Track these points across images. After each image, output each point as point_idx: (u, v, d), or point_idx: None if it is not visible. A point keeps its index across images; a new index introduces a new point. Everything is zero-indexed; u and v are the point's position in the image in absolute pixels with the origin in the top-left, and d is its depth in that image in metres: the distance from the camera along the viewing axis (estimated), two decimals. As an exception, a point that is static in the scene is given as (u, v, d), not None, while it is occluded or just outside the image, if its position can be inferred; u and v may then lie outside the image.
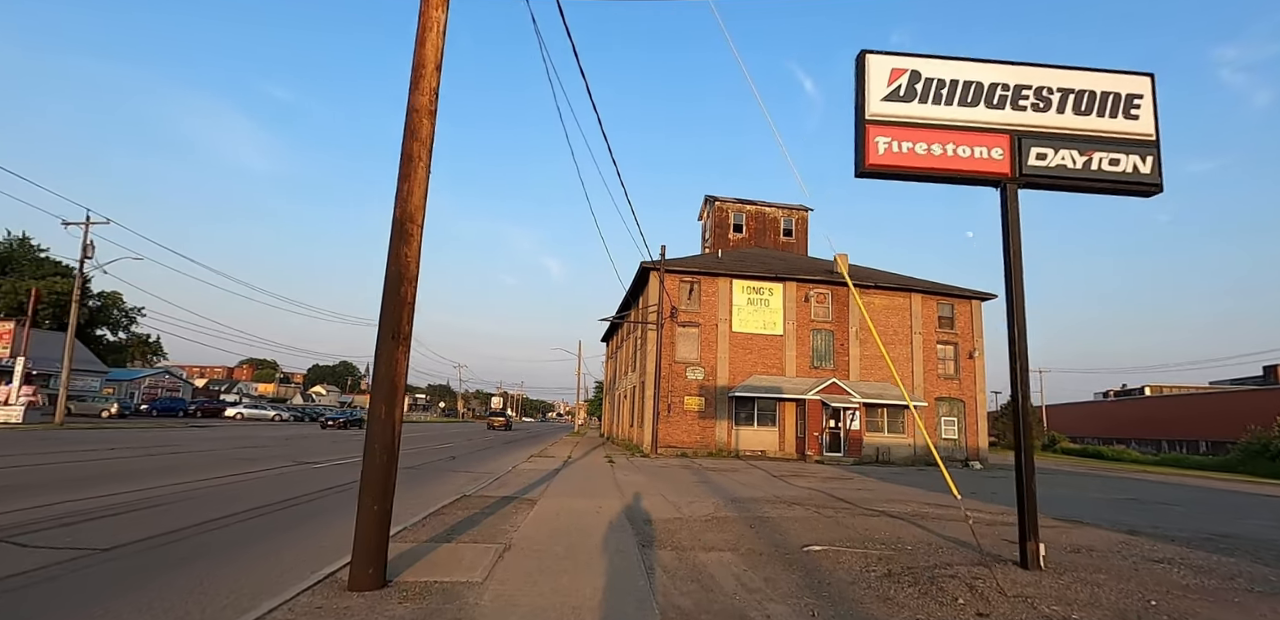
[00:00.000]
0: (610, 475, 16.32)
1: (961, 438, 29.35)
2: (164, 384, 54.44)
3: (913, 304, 29.91)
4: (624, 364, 37.99)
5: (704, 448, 26.92)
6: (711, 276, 28.56)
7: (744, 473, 19.38)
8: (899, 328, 29.70)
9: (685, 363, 27.57)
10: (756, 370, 28.09)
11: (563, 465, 18.98)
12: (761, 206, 37.67)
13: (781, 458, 27.15)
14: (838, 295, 29.38)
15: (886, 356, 14.62)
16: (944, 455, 28.91)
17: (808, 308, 29.06)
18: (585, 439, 42.31)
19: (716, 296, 28.40)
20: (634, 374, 32.49)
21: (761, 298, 28.77)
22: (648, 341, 27.61)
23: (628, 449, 29.54)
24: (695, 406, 27.30)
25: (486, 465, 18.66)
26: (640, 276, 28.89)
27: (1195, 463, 42.90)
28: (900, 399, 27.84)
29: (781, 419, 27.79)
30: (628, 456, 24.52)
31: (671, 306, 27.61)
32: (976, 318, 30.46)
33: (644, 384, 28.23)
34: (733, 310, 28.35)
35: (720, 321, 28.12)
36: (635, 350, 32.34)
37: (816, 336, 28.93)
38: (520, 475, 15.50)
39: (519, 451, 26.24)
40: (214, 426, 36.41)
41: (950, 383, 29.77)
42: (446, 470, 16.38)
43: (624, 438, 35.33)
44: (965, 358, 30.04)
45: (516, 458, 22.30)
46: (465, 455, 22.65)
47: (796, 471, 21.00)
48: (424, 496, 10.95)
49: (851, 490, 15.17)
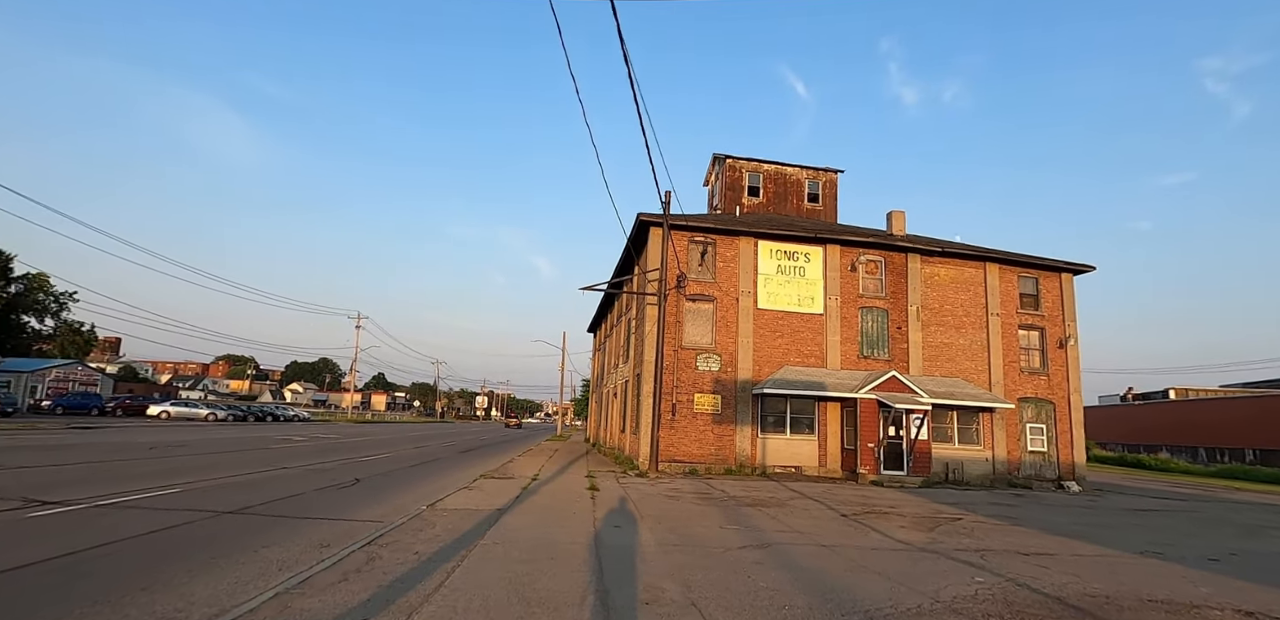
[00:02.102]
0: (587, 523, 9.45)
1: (1051, 450, 22.68)
2: (76, 377, 46.90)
3: (988, 277, 23.22)
4: (614, 354, 31.05)
5: (719, 462, 20.09)
6: (730, 236, 21.76)
7: (793, 508, 12.57)
8: (971, 307, 23.00)
9: (695, 349, 20.74)
10: (789, 359, 21.30)
11: (519, 496, 12.08)
12: (781, 167, 30.82)
13: (824, 477, 20.35)
14: (892, 264, 22.65)
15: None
16: (1031, 473, 22.25)
17: (855, 279, 22.30)
18: (566, 446, 35.35)
19: (737, 262, 21.59)
20: (626, 365, 25.61)
21: (795, 265, 21.99)
22: (645, 320, 20.76)
23: (618, 462, 22.64)
24: (709, 407, 20.47)
25: (398, 497, 11.74)
26: (638, 235, 22.02)
27: (1267, 475, 36.77)
28: (977, 399, 21.14)
29: (822, 424, 21.01)
30: (617, 476, 17.66)
31: (678, 273, 20.78)
32: (1068, 295, 23.81)
33: (640, 378, 21.39)
34: (758, 280, 21.55)
35: (742, 295, 21.30)
36: (629, 335, 25.46)
37: (866, 317, 22.18)
38: (428, 526, 8.62)
39: (470, 466, 19.30)
40: (107, 429, 29.16)
41: (1036, 379, 23.10)
42: (306, 514, 9.43)
43: (613, 446, 28.41)
44: (1055, 347, 23.38)
45: (459, 479, 15.40)
46: (389, 473, 15.70)
47: (864, 502, 14.22)
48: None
49: (1021, 559, 8.32)
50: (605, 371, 35.30)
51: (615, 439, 27.48)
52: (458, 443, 34.13)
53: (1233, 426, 57.86)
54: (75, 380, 46.16)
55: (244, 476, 13.39)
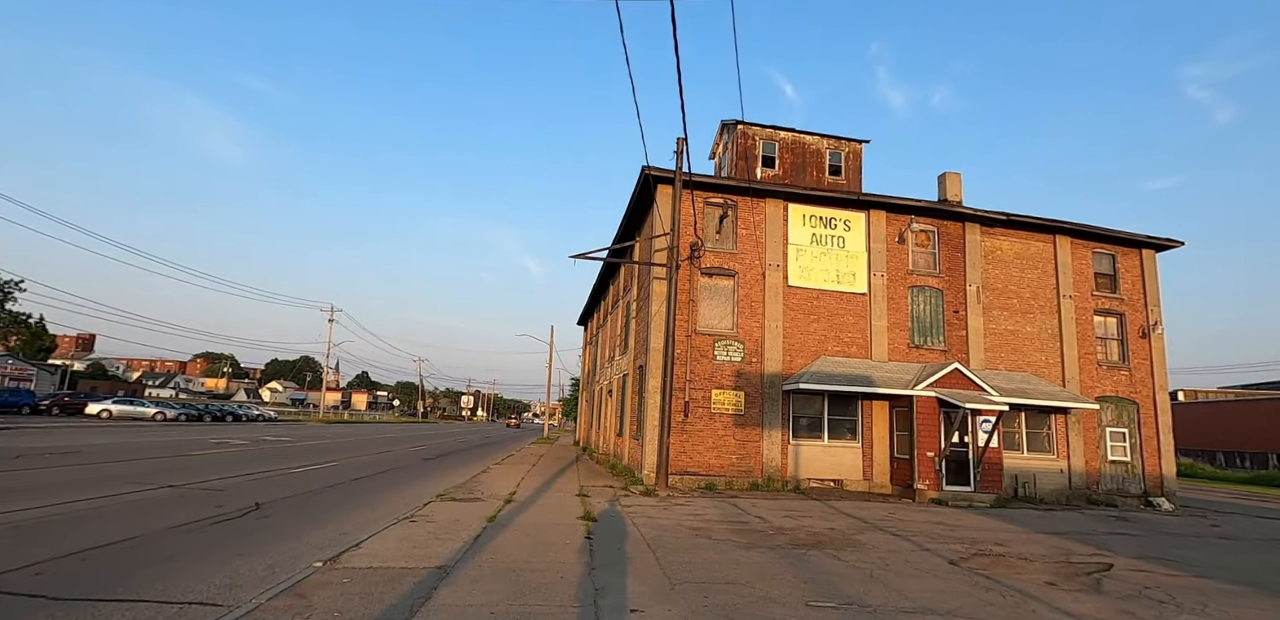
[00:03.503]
0: (582, 598, 5.48)
1: (1135, 459, 18.94)
2: (6, 371, 42.17)
3: (1058, 252, 19.46)
4: (608, 345, 27.07)
5: (743, 474, 16.18)
6: (755, 197, 17.87)
7: (874, 550, 8.65)
8: (1039, 288, 19.23)
9: (713, 335, 16.83)
10: (826, 348, 17.44)
11: (478, 537, 8.10)
12: (799, 135, 26.89)
13: (871, 493, 16.50)
14: (947, 235, 18.84)
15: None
16: (1112, 487, 18.50)
17: (904, 252, 18.47)
18: (553, 451, 31.32)
19: (763, 229, 17.71)
20: (625, 357, 21.65)
21: (833, 234, 18.13)
22: (651, 299, 16.82)
23: (616, 474, 18.68)
24: (729, 406, 16.56)
25: (295, 539, 7.74)
26: (642, 195, 18.07)
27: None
28: (1054, 398, 17.37)
29: (866, 428, 17.15)
30: (617, 493, 13.69)
31: (692, 241, 16.89)
32: (1150, 275, 20.10)
33: (644, 371, 17.48)
34: (789, 252, 17.68)
35: (769, 269, 17.41)
36: (628, 320, 21.50)
37: (917, 298, 18.36)
38: (298, 615, 4.66)
39: (431, 480, 15.29)
40: (20, 429, 24.81)
41: (1116, 374, 19.37)
42: (83, 593, 5.40)
43: (607, 452, 24.42)
44: (1136, 336, 19.67)
45: (407, 501, 11.43)
46: (313, 493, 11.66)
47: (950, 534, 10.37)
48: None
49: None
50: (598, 366, 31.29)
51: (610, 444, 23.50)
52: (430, 446, 30.01)
53: (1253, 429, 54.67)
54: (6, 375, 41.49)
55: (92, 502, 9.34)
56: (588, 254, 15.68)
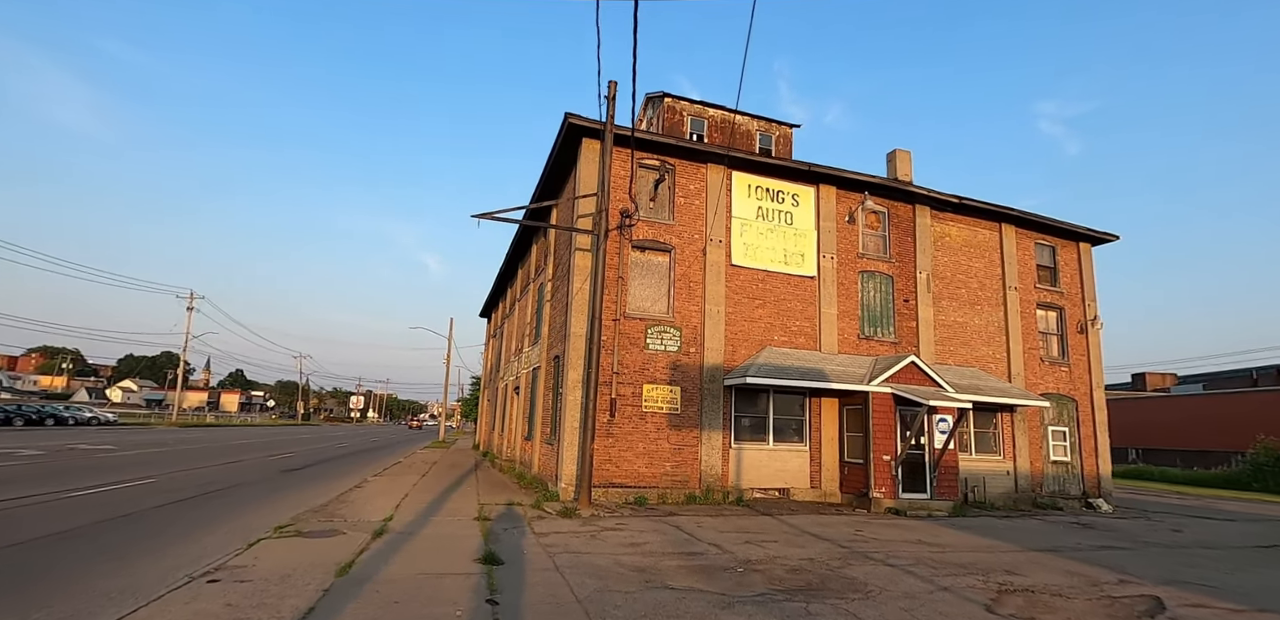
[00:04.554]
0: None
1: (1075, 459, 18.14)
2: None
3: (1004, 241, 18.40)
4: (515, 337, 23.79)
5: (678, 485, 13.64)
6: (696, 161, 15.44)
7: (888, 596, 6.22)
8: (986, 278, 18.06)
9: (645, 319, 14.20)
10: (772, 338, 15.27)
11: (312, 608, 4.97)
12: (729, 113, 25.04)
13: (821, 502, 14.45)
14: (898, 217, 17.25)
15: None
16: (1055, 489, 17.56)
17: (854, 234, 16.67)
18: (449, 456, 27.60)
19: (703, 198, 15.29)
20: (535, 349, 18.58)
21: (781, 209, 16.02)
22: (573, 274, 13.93)
23: (525, 486, 15.60)
24: (664, 404, 13.96)
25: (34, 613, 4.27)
26: (564, 151, 15.08)
27: (1203, 478, 35.25)
28: (1006, 394, 16.10)
29: (815, 429, 15.12)
30: (527, 514, 10.71)
31: (623, 208, 14.21)
32: (1087, 269, 19.51)
33: (560, 362, 14.62)
34: (732, 226, 15.37)
35: (711, 244, 15.01)
36: (539, 306, 18.44)
37: (868, 284, 16.60)
38: None
39: (279, 501, 11.63)
40: None
41: (1057, 370, 18.53)
42: None
43: (512, 458, 21.20)
44: (1074, 331, 18.96)
45: (236, 537, 7.97)
46: (97, 526, 7.93)
47: (944, 559, 8.26)
48: None
49: None
50: (502, 361, 27.86)
51: (517, 449, 20.31)
52: (299, 453, 25.46)
53: (1168, 428, 44.67)
54: None
55: None
56: (495, 214, 12.55)
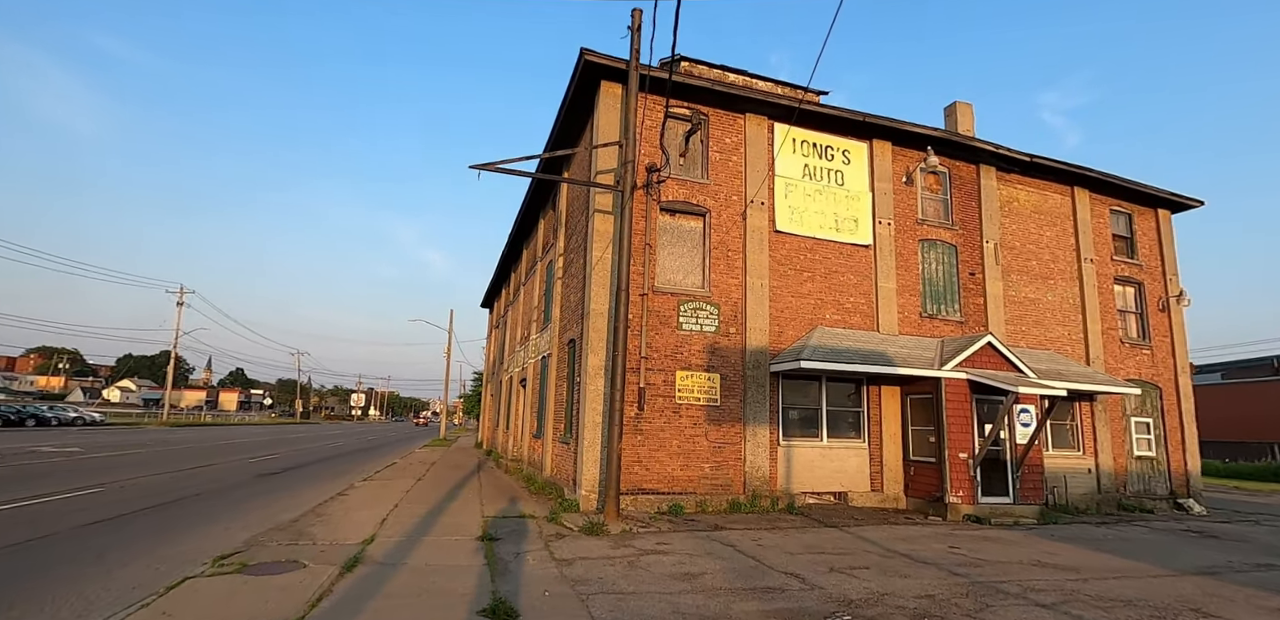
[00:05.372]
0: None
1: (1160, 453, 15.95)
2: None
3: (1077, 207, 16.15)
4: (521, 324, 21.58)
5: (720, 489, 11.46)
6: (734, 111, 13.20)
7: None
8: (1058, 248, 15.83)
9: (677, 294, 11.99)
10: (823, 316, 13.06)
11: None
12: (751, 80, 22.72)
13: (886, 508, 12.28)
14: (960, 179, 15.01)
15: None
16: (1139, 488, 15.37)
17: (912, 196, 14.44)
18: (450, 456, 25.46)
19: (742, 154, 13.05)
20: (545, 334, 16.37)
21: (830, 167, 13.77)
22: (591, 241, 11.72)
23: (535, 491, 13.42)
24: (701, 393, 11.77)
25: None
26: (579, 96, 12.78)
27: (1246, 471, 33.03)
28: (1093, 380, 13.88)
29: (874, 422, 12.93)
30: (542, 530, 8.55)
31: (650, 163, 12.01)
32: (1167, 239, 17.28)
33: (577, 347, 12.44)
34: (775, 186, 13.13)
35: (752, 208, 12.79)
36: (549, 285, 16.23)
37: (928, 255, 14.38)
38: None
39: (248, 514, 9.48)
40: None
41: (1138, 353, 16.32)
42: None
43: (518, 457, 19.02)
44: (1155, 309, 16.74)
45: (155, 574, 5.77)
46: None
47: (1084, 585, 6.04)
48: None
49: None
50: (506, 352, 25.68)
51: (524, 448, 18.14)
52: (285, 454, 23.32)
53: (1243, 416, 39.34)
54: None
55: None
56: (497, 164, 10.32)
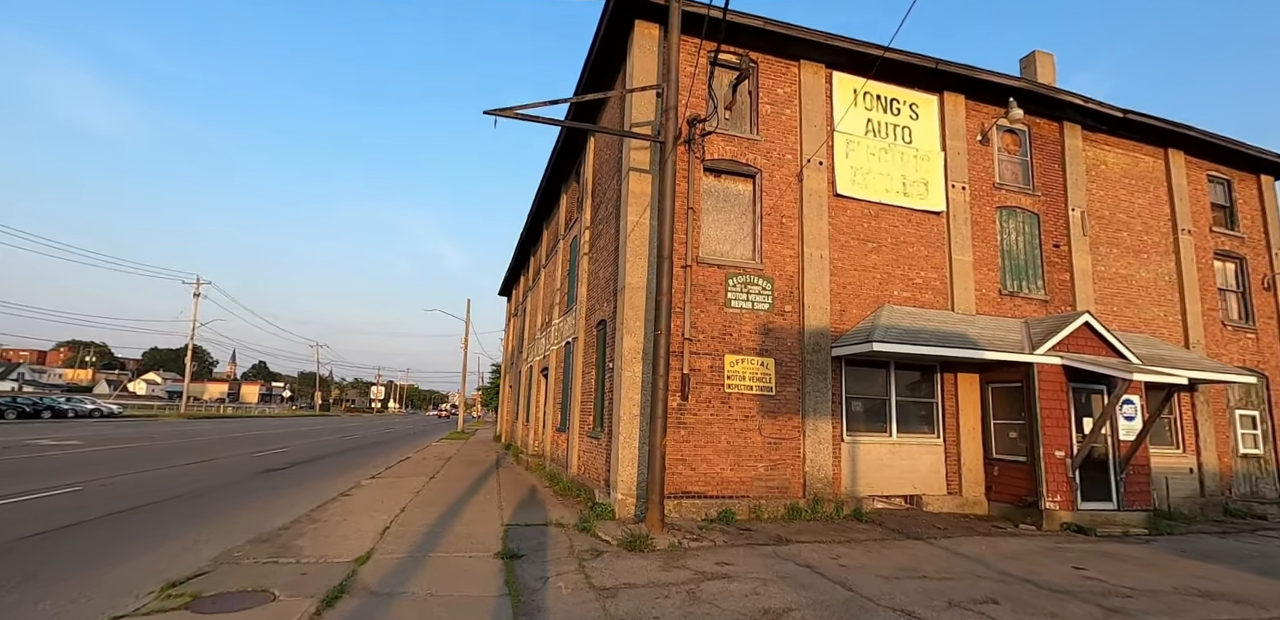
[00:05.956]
0: None
1: (1268, 451, 14.05)
2: None
3: (1172, 171, 14.21)
4: (542, 310, 20.08)
5: (776, 492, 9.87)
6: (786, 59, 11.48)
7: None
8: (1151, 218, 13.93)
9: (725, 266, 10.36)
10: (890, 292, 11.36)
11: None
12: (789, 47, 20.83)
13: (967, 514, 10.59)
14: (1041, 138, 13.15)
15: None
16: (1246, 491, 13.50)
17: (988, 157, 12.63)
18: (467, 450, 24.15)
19: (795, 106, 11.35)
20: (569, 318, 14.80)
21: (896, 123, 12.00)
22: (626, 205, 10.13)
23: (560, 492, 11.92)
24: (753, 381, 10.15)
25: None
26: (611, 35, 11.13)
27: None
28: (1199, 366, 12.02)
29: (950, 415, 11.23)
30: (573, 549, 7.03)
31: (692, 116, 10.38)
32: (1271, 208, 15.29)
33: (608, 328, 10.90)
34: (836, 144, 11.41)
35: (808, 167, 11.09)
36: (573, 264, 14.64)
37: (1007, 224, 12.58)
38: None
39: (234, 519, 8.07)
40: None
41: (1242, 337, 14.41)
42: None
43: (542, 454, 17.56)
44: (1260, 288, 14.78)
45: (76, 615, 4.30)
46: None
47: None
48: None
49: None
50: (525, 340, 24.23)
51: (548, 442, 16.68)
52: (296, 448, 22.15)
53: None
54: None
55: None
56: (514, 109, 8.75)
